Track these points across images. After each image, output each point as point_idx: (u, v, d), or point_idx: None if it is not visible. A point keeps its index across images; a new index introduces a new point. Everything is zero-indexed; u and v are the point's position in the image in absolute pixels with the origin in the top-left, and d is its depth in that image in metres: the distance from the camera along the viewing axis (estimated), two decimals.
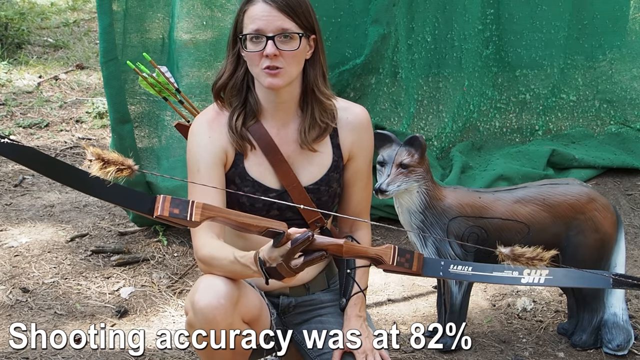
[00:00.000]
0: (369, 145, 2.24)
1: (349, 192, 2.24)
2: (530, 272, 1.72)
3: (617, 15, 4.45)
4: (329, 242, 1.74)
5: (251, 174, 2.13)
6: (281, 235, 1.72)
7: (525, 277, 1.72)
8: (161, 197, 1.61)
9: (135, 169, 1.56)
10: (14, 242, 3.60)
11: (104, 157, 1.53)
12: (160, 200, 1.60)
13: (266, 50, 2.00)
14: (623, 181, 4.25)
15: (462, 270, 1.74)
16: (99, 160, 1.53)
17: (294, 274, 1.77)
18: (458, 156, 4.12)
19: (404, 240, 3.65)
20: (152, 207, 1.61)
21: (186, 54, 3.70)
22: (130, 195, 1.63)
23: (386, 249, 1.75)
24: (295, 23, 2.02)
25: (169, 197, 1.61)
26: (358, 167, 2.23)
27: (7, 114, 5.29)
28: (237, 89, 2.12)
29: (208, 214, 1.63)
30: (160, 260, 3.46)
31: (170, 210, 1.61)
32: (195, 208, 1.62)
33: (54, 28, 7.42)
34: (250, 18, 2.02)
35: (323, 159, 2.17)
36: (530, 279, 1.71)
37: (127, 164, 1.55)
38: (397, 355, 2.79)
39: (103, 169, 1.54)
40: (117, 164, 1.54)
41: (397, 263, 1.75)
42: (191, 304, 1.98)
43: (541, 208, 2.72)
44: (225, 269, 1.96)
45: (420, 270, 1.75)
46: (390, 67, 3.98)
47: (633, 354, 2.80)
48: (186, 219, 1.61)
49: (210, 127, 2.13)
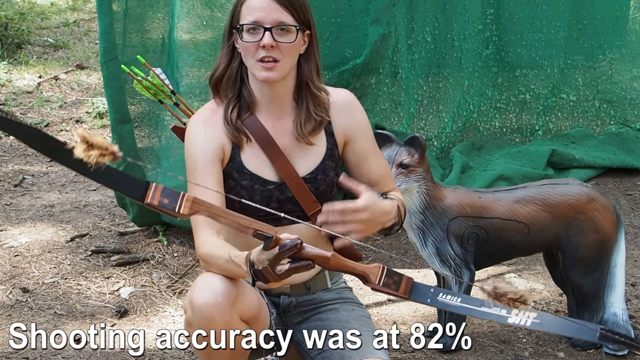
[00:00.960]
0: (364, 123, 2.22)
1: (362, 171, 2.20)
2: (519, 313, 1.70)
3: (617, 15, 4.45)
4: (317, 253, 1.72)
5: (249, 167, 2.13)
6: (270, 239, 1.71)
7: (512, 317, 1.69)
8: (154, 185, 1.62)
9: (119, 155, 1.56)
10: (14, 242, 3.60)
11: (88, 141, 1.53)
12: (152, 188, 1.61)
13: (263, 41, 2.02)
14: (623, 181, 4.26)
15: (451, 301, 1.73)
16: (84, 143, 1.53)
17: (279, 280, 1.76)
18: (458, 156, 4.12)
19: (404, 240, 3.65)
20: (145, 193, 1.61)
21: (186, 54, 3.70)
22: (124, 180, 1.63)
23: (374, 268, 1.74)
24: (292, 16, 2.05)
25: (160, 186, 1.61)
26: (361, 146, 2.20)
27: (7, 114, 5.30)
28: (232, 81, 2.14)
29: (197, 208, 1.63)
30: (160, 260, 3.46)
31: (160, 199, 1.61)
32: (185, 201, 1.62)
33: (54, 28, 7.42)
34: (249, 9, 2.05)
35: (318, 148, 2.18)
36: (517, 320, 1.69)
37: (111, 149, 1.55)
38: (397, 355, 2.79)
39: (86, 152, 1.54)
40: (101, 149, 1.54)
41: (384, 284, 1.73)
42: (189, 302, 1.98)
43: (541, 208, 2.72)
44: (222, 268, 1.97)
45: (407, 295, 1.74)
46: (390, 67, 3.98)
47: (633, 354, 2.80)
48: (174, 210, 1.61)
49: (206, 124, 2.14)
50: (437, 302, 1.74)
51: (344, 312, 2.24)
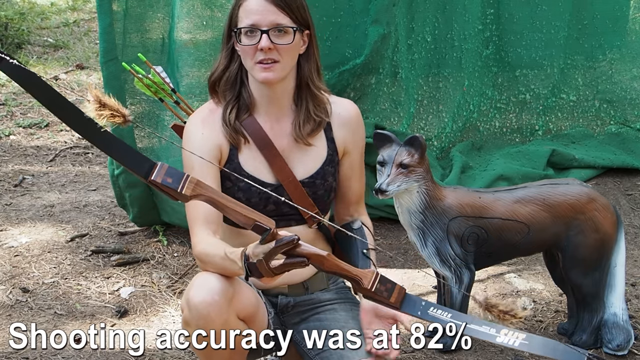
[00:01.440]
0: (362, 139, 2.28)
1: (346, 185, 2.27)
2: (507, 332, 1.70)
3: (617, 15, 4.45)
4: (313, 251, 1.72)
5: (246, 169, 2.14)
6: (268, 231, 1.71)
7: (501, 336, 1.69)
8: (160, 163, 1.61)
9: (130, 119, 1.57)
10: (14, 242, 3.60)
11: (102, 101, 1.54)
12: (157, 167, 1.61)
13: (260, 44, 2.02)
14: (623, 181, 4.25)
15: (441, 316, 1.72)
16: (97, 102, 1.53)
17: (272, 275, 1.75)
18: (458, 156, 4.12)
19: (404, 240, 3.65)
20: (149, 171, 1.60)
21: (186, 54, 3.70)
22: (131, 155, 1.63)
23: (368, 273, 1.73)
24: (289, 18, 2.05)
25: (166, 165, 1.61)
26: (352, 160, 2.26)
27: (7, 114, 5.30)
28: (231, 82, 2.14)
29: (199, 191, 1.63)
30: (160, 260, 3.46)
31: (164, 178, 1.61)
32: (189, 182, 1.62)
33: (54, 28, 7.42)
34: (246, 12, 2.05)
35: (318, 153, 2.18)
36: (506, 340, 1.68)
37: (122, 112, 1.55)
38: (397, 355, 2.78)
39: (98, 111, 1.54)
40: (113, 110, 1.54)
41: (376, 289, 1.71)
42: (186, 301, 1.98)
43: (541, 208, 2.72)
44: (218, 266, 1.96)
45: (398, 304, 1.73)
46: (390, 67, 3.98)
47: (633, 354, 2.80)
48: (177, 189, 1.61)
49: (204, 124, 2.14)
50: (427, 315, 1.73)
51: (343, 312, 2.24)
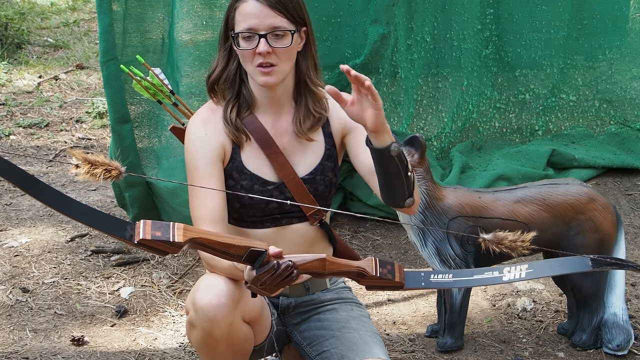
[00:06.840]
0: None
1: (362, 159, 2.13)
2: (510, 269, 1.71)
3: (617, 15, 4.44)
4: (310, 259, 1.70)
5: (248, 167, 2.14)
6: (263, 254, 1.67)
7: (506, 275, 1.70)
8: (141, 222, 1.53)
9: (122, 171, 1.53)
10: (14, 242, 3.60)
11: (90, 160, 1.50)
12: (140, 225, 1.53)
13: (259, 49, 2.01)
14: (623, 181, 4.26)
15: (444, 279, 1.72)
16: (86, 163, 1.50)
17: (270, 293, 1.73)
18: (458, 156, 4.12)
19: (404, 240, 3.65)
20: (133, 233, 1.53)
21: (186, 54, 3.70)
22: (108, 221, 1.56)
23: (368, 262, 1.73)
24: (287, 19, 2.03)
25: (149, 221, 1.54)
26: (357, 135, 2.16)
27: (7, 114, 5.30)
28: (230, 81, 2.13)
29: (190, 235, 1.57)
30: (160, 260, 3.46)
31: (153, 233, 1.53)
32: (177, 229, 1.55)
33: (54, 28, 7.42)
34: (242, 15, 2.03)
35: (316, 148, 2.18)
36: (512, 276, 1.69)
37: (114, 165, 1.52)
38: (397, 355, 2.79)
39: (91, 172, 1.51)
40: (105, 166, 1.51)
41: (381, 274, 1.72)
42: (192, 302, 1.98)
43: (541, 208, 2.72)
44: (225, 271, 1.98)
45: (402, 281, 1.72)
46: (390, 67, 3.98)
47: (633, 354, 2.81)
48: (169, 240, 1.54)
49: (206, 124, 2.14)
50: (430, 283, 1.74)
51: (343, 312, 2.25)
